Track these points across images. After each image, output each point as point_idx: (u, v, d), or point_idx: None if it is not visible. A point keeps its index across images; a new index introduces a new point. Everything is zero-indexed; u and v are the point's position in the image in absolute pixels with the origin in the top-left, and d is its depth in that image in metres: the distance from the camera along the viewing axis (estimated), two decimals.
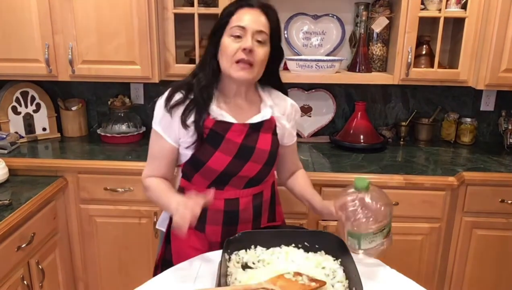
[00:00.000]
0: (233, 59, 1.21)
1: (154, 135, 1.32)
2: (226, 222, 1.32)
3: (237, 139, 1.27)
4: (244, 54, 1.20)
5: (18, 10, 2.00)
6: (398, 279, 1.12)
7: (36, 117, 2.34)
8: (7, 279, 1.58)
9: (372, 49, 2.29)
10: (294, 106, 1.43)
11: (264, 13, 1.25)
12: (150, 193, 1.33)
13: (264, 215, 1.40)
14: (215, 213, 1.31)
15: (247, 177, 1.30)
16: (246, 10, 1.24)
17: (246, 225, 1.34)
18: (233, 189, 1.30)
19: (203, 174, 1.28)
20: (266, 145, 1.31)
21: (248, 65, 1.22)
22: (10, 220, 1.57)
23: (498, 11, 1.89)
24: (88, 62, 2.06)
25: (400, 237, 1.95)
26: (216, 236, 1.32)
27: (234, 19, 1.23)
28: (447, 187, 1.90)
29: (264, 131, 1.31)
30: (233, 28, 1.22)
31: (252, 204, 1.34)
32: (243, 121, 1.29)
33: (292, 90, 2.43)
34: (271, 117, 1.33)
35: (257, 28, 1.22)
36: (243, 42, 1.21)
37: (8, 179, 1.90)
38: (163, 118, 1.28)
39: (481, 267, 2.01)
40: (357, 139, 2.25)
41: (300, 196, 1.45)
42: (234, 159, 1.26)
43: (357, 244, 1.17)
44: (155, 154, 1.33)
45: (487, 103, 2.43)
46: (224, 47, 1.23)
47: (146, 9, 1.98)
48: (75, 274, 2.13)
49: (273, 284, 0.96)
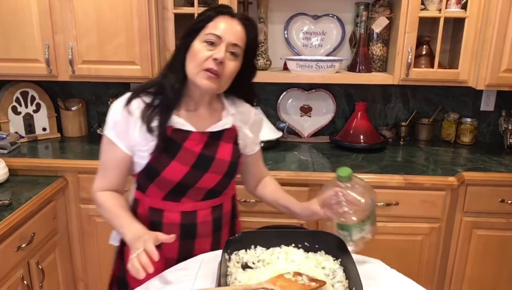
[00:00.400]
0: (202, 66, 1.15)
1: (106, 143, 1.23)
2: (183, 236, 1.24)
3: (196, 148, 1.21)
4: (214, 63, 1.14)
5: (18, 10, 2.00)
6: (398, 279, 1.12)
7: (36, 117, 2.34)
8: (7, 279, 1.58)
9: (372, 49, 2.29)
10: (258, 116, 1.39)
11: (243, 26, 1.19)
12: (102, 211, 1.25)
13: (225, 229, 1.33)
14: (170, 227, 1.23)
15: (206, 188, 1.24)
16: (225, 18, 1.17)
17: (205, 239, 1.28)
18: (190, 201, 1.24)
19: (158, 185, 1.21)
20: (226, 155, 1.25)
21: (215, 75, 1.15)
22: (10, 220, 1.57)
23: (498, 11, 1.89)
24: (88, 62, 2.06)
25: (400, 237, 1.96)
26: (172, 252, 1.24)
27: (211, 25, 1.16)
28: (447, 187, 1.90)
29: (225, 140, 1.26)
30: (208, 34, 1.15)
31: (211, 217, 1.27)
32: (203, 130, 1.23)
33: (292, 90, 2.43)
34: (233, 126, 1.28)
35: (233, 41, 1.16)
36: (215, 51, 1.14)
37: (8, 179, 1.90)
38: (118, 123, 1.19)
39: (481, 267, 2.01)
40: (357, 139, 2.25)
41: (273, 202, 1.40)
42: (191, 169, 1.20)
43: (348, 236, 1.16)
44: (107, 164, 1.24)
45: (487, 103, 2.43)
46: (194, 52, 1.16)
47: (146, 9, 1.98)
48: (75, 274, 2.13)
49: (273, 284, 0.96)
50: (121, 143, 1.20)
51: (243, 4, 2.24)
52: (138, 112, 1.18)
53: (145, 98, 1.21)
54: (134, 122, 1.19)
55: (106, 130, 1.22)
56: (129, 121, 1.19)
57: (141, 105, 1.19)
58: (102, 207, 1.24)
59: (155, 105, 1.19)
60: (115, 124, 1.20)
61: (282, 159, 2.10)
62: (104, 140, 1.23)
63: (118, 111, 1.19)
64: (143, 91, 1.22)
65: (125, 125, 1.19)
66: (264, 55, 2.28)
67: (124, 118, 1.19)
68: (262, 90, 2.45)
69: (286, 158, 2.13)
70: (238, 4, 2.13)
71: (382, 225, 1.94)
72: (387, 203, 1.91)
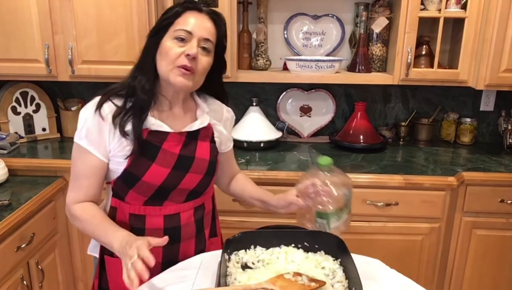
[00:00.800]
0: (175, 64, 1.12)
1: (78, 151, 1.16)
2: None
3: (175, 150, 1.18)
4: (187, 60, 1.11)
5: (18, 10, 2.00)
6: (398, 279, 1.12)
7: (35, 117, 2.34)
8: (6, 279, 1.58)
9: (372, 49, 2.29)
10: (230, 112, 1.37)
11: (212, 20, 1.17)
12: (81, 225, 1.19)
13: (206, 230, 1.33)
14: (153, 232, 1.19)
15: (188, 189, 1.21)
16: (194, 13, 1.15)
17: (189, 242, 1.25)
18: (172, 203, 1.21)
19: (138, 190, 1.17)
20: (205, 154, 1.23)
21: (189, 72, 1.13)
22: (10, 220, 1.57)
23: (498, 11, 1.89)
24: (88, 62, 2.06)
25: (400, 237, 1.96)
26: (156, 257, 1.11)
27: (180, 22, 1.13)
28: (447, 187, 1.90)
29: (202, 139, 1.24)
30: (177, 30, 1.12)
31: (194, 218, 1.26)
32: (179, 130, 1.20)
33: (292, 90, 2.43)
34: (208, 124, 1.26)
35: (204, 35, 1.14)
36: (187, 47, 1.12)
37: (8, 179, 1.90)
38: (91, 130, 1.14)
39: (481, 267, 2.01)
40: (357, 139, 2.25)
41: (248, 197, 1.40)
42: (172, 171, 1.17)
43: (326, 224, 1.18)
44: (81, 173, 1.17)
45: (487, 103, 2.43)
46: (165, 50, 1.13)
47: (146, 9, 1.98)
48: (75, 274, 2.13)
49: (273, 284, 0.96)
50: (96, 150, 1.15)
51: (243, 4, 2.24)
52: (110, 117, 1.14)
53: (116, 101, 1.16)
54: (108, 128, 1.14)
55: (77, 138, 1.16)
56: (102, 126, 1.14)
57: (113, 109, 1.15)
58: (79, 220, 1.18)
59: (127, 108, 1.15)
60: (88, 132, 1.14)
61: (282, 159, 2.10)
62: (75, 149, 1.17)
63: (90, 117, 1.14)
64: (114, 94, 1.18)
65: (98, 132, 1.14)
66: (264, 55, 2.28)
67: (97, 123, 1.14)
68: (262, 90, 2.45)
69: (286, 158, 2.13)
70: (238, 4, 2.13)
71: (382, 225, 1.94)
72: (387, 203, 1.91)
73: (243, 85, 2.38)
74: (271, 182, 1.89)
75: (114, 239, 1.07)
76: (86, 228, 1.18)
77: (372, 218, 1.94)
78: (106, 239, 1.11)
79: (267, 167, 1.98)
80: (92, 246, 1.33)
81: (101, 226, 1.14)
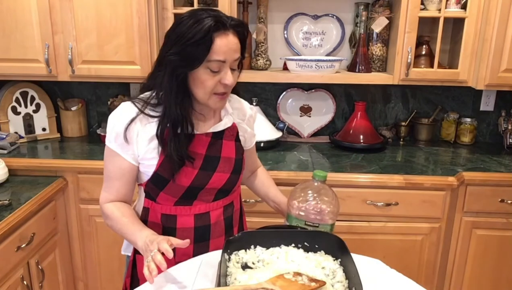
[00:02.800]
0: (212, 92, 1.13)
1: (109, 154, 1.20)
2: (197, 239, 1.25)
3: (201, 150, 1.21)
4: (223, 88, 1.13)
5: (18, 10, 2.00)
6: (398, 279, 1.12)
7: (36, 117, 2.34)
8: (7, 279, 1.58)
9: (372, 49, 2.29)
10: (253, 109, 1.40)
11: (237, 35, 1.13)
12: (111, 223, 1.23)
13: (235, 227, 1.36)
14: (184, 231, 1.23)
15: (216, 188, 1.24)
16: (222, 36, 1.08)
17: (218, 240, 1.28)
18: (202, 203, 1.24)
19: (168, 192, 1.20)
20: (230, 153, 1.26)
21: (226, 94, 1.17)
22: (10, 220, 1.57)
23: (498, 11, 1.89)
24: (88, 62, 2.06)
25: (400, 237, 1.96)
26: (186, 257, 1.22)
27: (212, 51, 1.08)
28: (447, 187, 1.90)
29: (227, 138, 1.26)
30: (211, 62, 1.09)
31: (223, 217, 1.29)
32: (205, 131, 1.23)
33: (292, 90, 2.43)
34: (233, 124, 1.29)
35: (235, 57, 1.12)
36: (222, 76, 1.12)
37: (8, 179, 1.90)
38: (120, 136, 1.15)
39: (481, 267, 2.01)
40: (357, 139, 2.25)
41: (263, 195, 1.47)
42: (200, 171, 1.20)
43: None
44: (111, 175, 1.21)
45: (487, 103, 2.43)
46: (201, 81, 1.11)
47: (146, 9, 1.98)
48: (75, 274, 2.13)
49: (273, 284, 0.96)
50: (125, 154, 1.18)
51: (243, 4, 2.24)
52: (140, 126, 1.16)
53: (149, 113, 1.16)
54: (136, 134, 1.16)
55: (108, 141, 1.18)
56: (131, 134, 1.15)
57: (144, 121, 1.16)
58: (110, 219, 1.22)
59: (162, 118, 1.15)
60: (117, 136, 1.16)
61: (282, 159, 2.10)
62: (106, 151, 1.20)
63: (120, 125, 1.15)
64: (146, 104, 1.17)
65: (128, 138, 1.16)
66: (264, 55, 2.28)
67: (127, 131, 1.15)
68: (262, 90, 2.45)
69: (286, 158, 2.13)
70: (238, 4, 2.13)
71: (382, 225, 1.94)
72: (387, 203, 1.91)
73: (243, 85, 2.38)
74: None
75: (139, 238, 1.11)
76: (115, 226, 1.21)
77: (372, 218, 1.94)
78: (132, 237, 1.15)
79: (267, 167, 1.98)
80: (125, 246, 1.36)
81: (129, 225, 1.18)
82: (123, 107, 1.18)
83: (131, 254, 1.31)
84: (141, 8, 1.98)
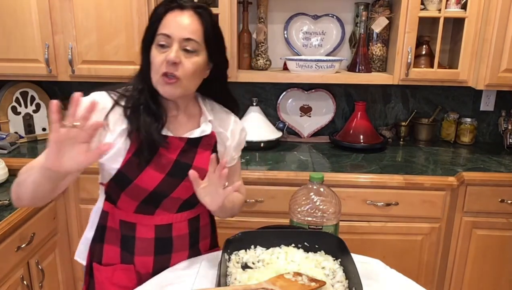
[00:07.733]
0: (159, 73, 1.06)
1: None
2: (158, 252, 1.17)
3: (172, 155, 1.12)
4: (168, 66, 1.04)
5: (18, 10, 2.00)
6: (398, 279, 1.12)
7: (36, 117, 2.34)
8: (7, 279, 1.58)
9: (372, 49, 2.29)
10: (238, 123, 1.28)
11: (196, 16, 1.07)
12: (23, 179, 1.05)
13: (205, 241, 1.27)
14: (144, 242, 1.15)
15: (181, 198, 1.15)
16: (175, 13, 1.06)
17: (182, 253, 1.20)
18: (165, 213, 1.15)
19: (130, 194, 1.12)
20: (204, 164, 1.13)
21: (174, 79, 1.06)
22: (10, 220, 1.57)
23: (498, 11, 1.89)
24: (88, 62, 2.06)
25: (400, 237, 1.96)
26: (147, 268, 1.17)
27: (162, 25, 1.06)
28: (447, 187, 1.90)
29: (203, 147, 1.17)
30: (159, 36, 1.06)
31: (188, 230, 1.20)
32: (179, 135, 1.15)
33: (292, 90, 2.43)
34: (212, 132, 1.19)
35: (184, 36, 1.05)
36: (167, 52, 1.05)
37: (8, 179, 1.90)
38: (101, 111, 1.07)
39: (481, 267, 2.01)
40: (357, 139, 2.25)
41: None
42: (167, 177, 1.11)
43: None
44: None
45: (487, 103, 2.43)
46: (152, 58, 1.07)
47: (146, 9, 1.98)
48: (75, 274, 2.12)
49: (273, 284, 0.96)
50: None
51: (243, 4, 2.24)
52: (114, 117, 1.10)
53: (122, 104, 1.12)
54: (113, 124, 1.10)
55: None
56: (109, 121, 1.09)
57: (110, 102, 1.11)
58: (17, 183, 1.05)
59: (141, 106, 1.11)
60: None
61: (282, 159, 2.10)
62: None
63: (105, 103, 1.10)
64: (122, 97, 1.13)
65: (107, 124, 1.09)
66: (264, 55, 2.28)
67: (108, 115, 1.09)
68: (262, 90, 2.45)
69: (286, 158, 2.13)
70: (238, 4, 2.13)
71: (382, 225, 1.94)
72: (387, 203, 1.91)
73: (243, 85, 2.39)
74: (271, 182, 1.89)
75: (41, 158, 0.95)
76: (27, 179, 1.01)
77: (372, 218, 1.94)
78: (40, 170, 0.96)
79: (267, 167, 1.98)
80: (78, 252, 1.27)
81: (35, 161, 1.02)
82: (100, 94, 1.12)
83: (86, 262, 1.22)
84: (141, 8, 1.98)
